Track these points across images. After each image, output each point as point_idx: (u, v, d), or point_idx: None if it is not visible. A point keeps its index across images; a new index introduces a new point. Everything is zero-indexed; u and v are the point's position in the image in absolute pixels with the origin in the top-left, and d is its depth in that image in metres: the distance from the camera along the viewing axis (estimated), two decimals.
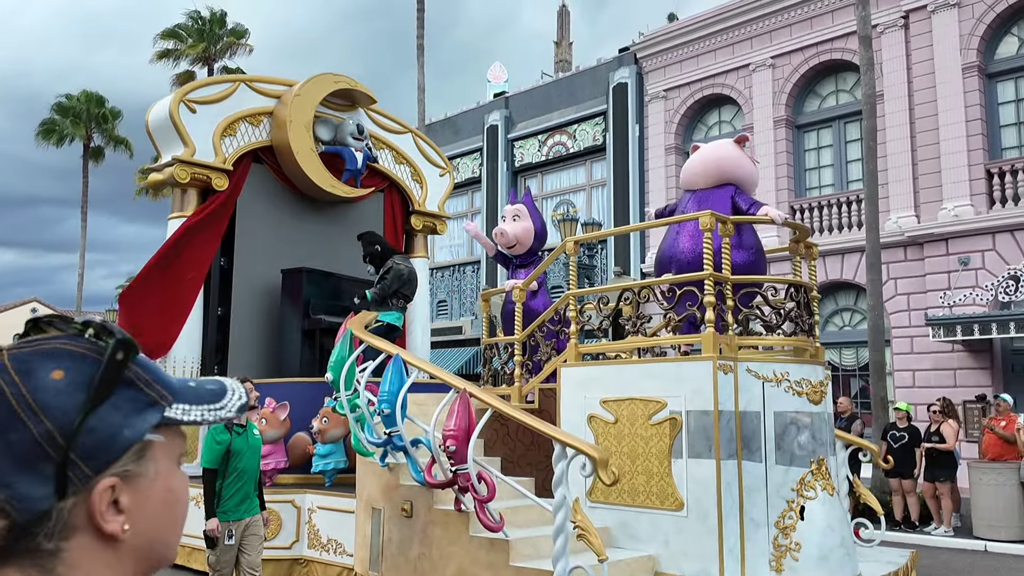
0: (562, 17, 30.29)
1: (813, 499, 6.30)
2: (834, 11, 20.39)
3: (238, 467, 6.32)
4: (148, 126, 9.59)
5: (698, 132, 23.09)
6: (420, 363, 6.84)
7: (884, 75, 19.21)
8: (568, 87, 24.65)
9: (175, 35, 32.92)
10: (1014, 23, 18.48)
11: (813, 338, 6.78)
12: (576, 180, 24.56)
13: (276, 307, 9.85)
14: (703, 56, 22.34)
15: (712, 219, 6.35)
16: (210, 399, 1.06)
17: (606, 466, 5.65)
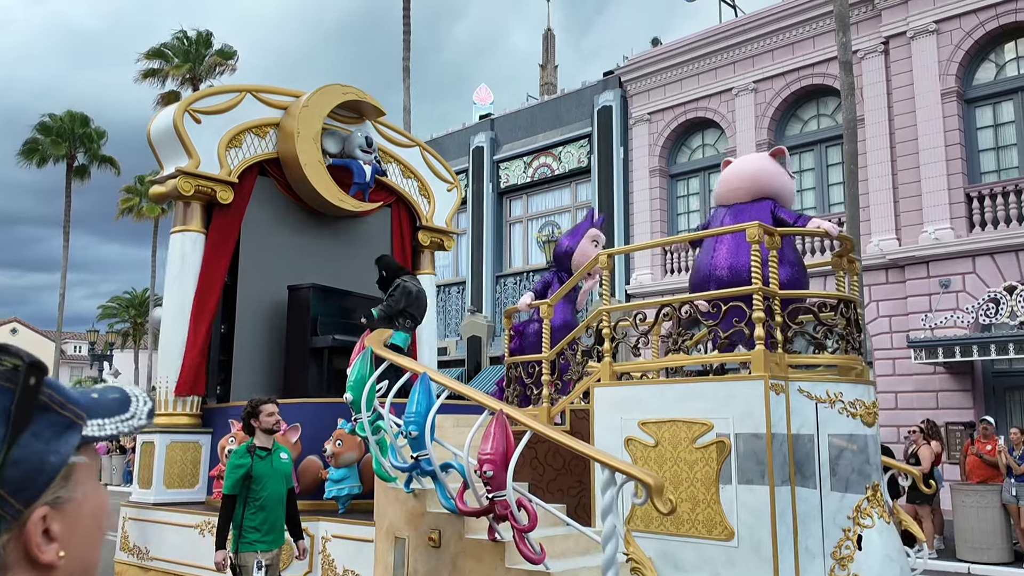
0: (547, 41, 30.00)
1: (870, 527, 5.78)
2: (815, 37, 20.23)
3: (261, 494, 5.69)
4: (150, 136, 8.95)
5: (682, 155, 22.80)
6: (449, 382, 6.26)
7: (865, 100, 19.07)
8: (553, 109, 24.26)
9: (161, 55, 32.17)
10: (991, 49, 18.38)
11: (861, 356, 6.29)
12: (561, 202, 24.12)
13: (282, 325, 9.20)
14: (687, 80, 22.06)
15: (760, 230, 5.87)
16: (118, 410, 1.03)
17: (662, 493, 5.11)
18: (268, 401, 5.98)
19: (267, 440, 5.91)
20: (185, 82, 31.41)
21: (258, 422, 5.89)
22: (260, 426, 5.89)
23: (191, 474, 8.50)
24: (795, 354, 5.97)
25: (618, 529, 5.23)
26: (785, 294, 5.96)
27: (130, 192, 39.37)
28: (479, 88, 26.47)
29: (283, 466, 5.96)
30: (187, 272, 8.79)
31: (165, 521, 8.07)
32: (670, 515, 5.18)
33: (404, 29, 23.68)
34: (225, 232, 8.88)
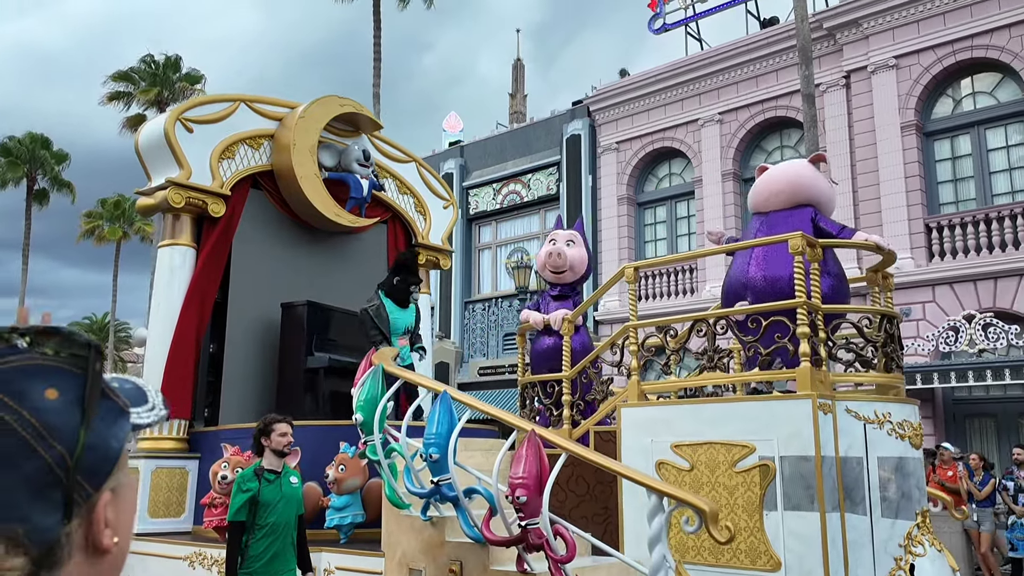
0: (517, 70, 29.71)
1: (922, 556, 5.30)
2: (779, 70, 20.16)
3: (269, 520, 5.01)
4: (138, 146, 8.26)
5: (649, 184, 22.56)
6: (473, 401, 5.68)
7: (827, 132, 19.00)
8: (523, 137, 23.89)
9: (127, 78, 31.13)
10: (948, 85, 18.43)
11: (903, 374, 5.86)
12: (530, 228, 23.69)
13: (274, 344, 8.48)
14: (654, 110, 21.86)
15: (802, 241, 5.42)
16: (143, 400, 1.01)
17: (718, 520, 4.59)
18: (282, 420, 5.33)
19: (277, 463, 5.26)
20: (151, 106, 30.41)
21: (269, 441, 5.23)
22: (271, 446, 5.24)
23: (177, 502, 7.75)
24: (839, 372, 5.53)
25: (668, 561, 4.69)
26: (829, 308, 5.51)
27: (91, 216, 38.10)
28: (449, 116, 26.02)
29: (293, 491, 5.30)
30: (175, 288, 8.07)
31: (150, 552, 7.29)
32: (727, 544, 4.68)
33: (374, 56, 23.24)
34: (216, 246, 8.19)
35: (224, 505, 7.07)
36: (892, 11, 18.45)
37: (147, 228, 36.82)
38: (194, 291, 7.98)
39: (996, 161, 17.81)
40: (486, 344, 23.38)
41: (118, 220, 37.66)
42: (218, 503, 7.08)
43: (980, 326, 16.08)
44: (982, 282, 16.93)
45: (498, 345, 23.17)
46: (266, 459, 5.21)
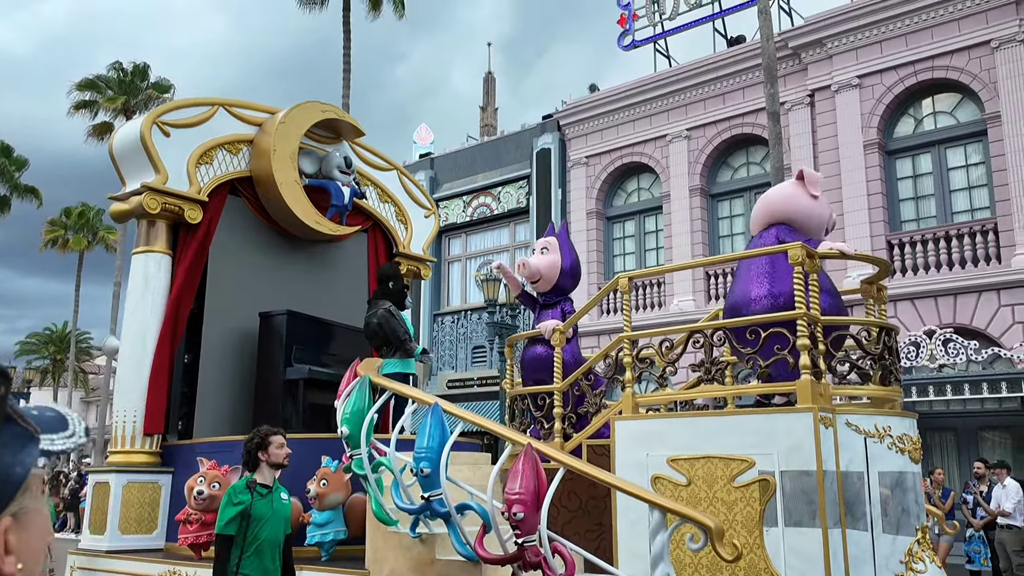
0: (488, 84, 29.55)
1: (923, 572, 5.15)
2: (745, 88, 20.21)
3: (259, 536, 4.72)
4: (112, 150, 7.89)
5: (618, 198, 22.49)
6: (465, 414, 5.43)
7: (791, 149, 19.05)
8: (493, 151, 23.71)
9: (94, 86, 30.43)
10: (910, 104, 18.59)
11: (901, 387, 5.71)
12: (500, 241, 23.48)
13: (252, 354, 8.12)
14: (623, 126, 21.80)
15: (802, 251, 5.26)
16: (61, 427, 0.97)
17: (723, 537, 4.39)
18: (278, 432, 5.05)
19: (270, 477, 4.97)
20: (119, 114, 29.73)
21: (266, 455, 4.94)
22: (269, 460, 4.95)
23: (149, 518, 7.35)
24: (840, 385, 5.37)
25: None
26: (829, 320, 5.35)
27: (55, 224, 37.18)
28: (419, 128, 25.76)
29: (283, 508, 5.01)
30: (150, 296, 7.70)
31: (121, 571, 6.90)
32: (734, 562, 4.48)
33: (344, 67, 22.94)
34: (193, 254, 7.84)
35: (200, 522, 6.74)
36: (855, 32, 18.58)
37: (111, 237, 36.04)
38: (171, 300, 7.63)
39: (956, 179, 17.97)
40: (455, 357, 23.09)
41: (82, 230, 36.84)
42: (193, 519, 6.73)
43: (940, 341, 16.15)
44: (942, 298, 17.03)
45: (467, 358, 22.89)
46: (260, 473, 4.92)
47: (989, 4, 17.22)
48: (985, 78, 17.20)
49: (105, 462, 7.73)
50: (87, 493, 23.87)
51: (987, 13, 17.26)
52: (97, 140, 29.90)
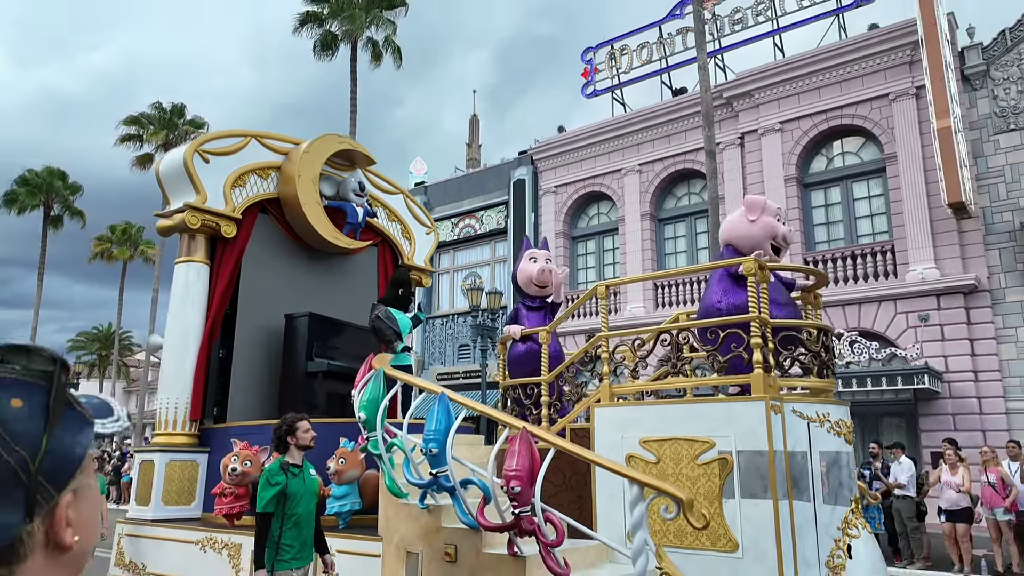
0: (473, 124, 29.39)
1: (857, 537, 5.04)
2: (686, 131, 20.24)
3: (296, 511, 4.50)
4: (159, 174, 7.64)
5: (581, 221, 22.41)
6: (468, 402, 5.26)
7: (725, 182, 19.10)
8: (477, 180, 23.56)
9: (137, 122, 29.85)
10: (823, 146, 18.72)
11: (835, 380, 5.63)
12: (482, 257, 23.32)
13: (278, 351, 7.89)
14: (586, 161, 21.76)
15: (754, 264, 5.17)
16: (107, 413, 1.01)
17: (694, 508, 4.25)
18: (304, 418, 4.84)
19: (299, 457, 4.76)
20: (160, 147, 29.22)
21: (295, 439, 4.73)
22: (297, 443, 4.74)
23: (188, 491, 7.09)
24: (787, 377, 5.27)
25: (649, 544, 4.33)
26: (776, 323, 5.25)
27: (101, 240, 36.43)
28: (415, 160, 25.55)
29: (313, 483, 4.80)
30: (190, 300, 7.46)
31: (165, 537, 6.64)
32: (703, 529, 4.36)
33: (351, 109, 22.69)
34: (228, 264, 7.61)
35: (233, 495, 6.50)
36: (778, 85, 18.69)
37: (150, 251, 35.39)
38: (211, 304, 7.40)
39: (860, 208, 18.09)
40: (444, 354, 22.84)
41: (125, 244, 36.11)
42: (228, 492, 6.49)
43: (848, 343, 16.21)
44: (849, 306, 17.11)
45: (454, 355, 22.66)
46: (290, 455, 4.71)
47: (887, 63, 17.39)
48: (884, 124, 17.35)
49: (150, 442, 7.44)
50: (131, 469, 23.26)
51: (886, 71, 17.42)
52: (140, 169, 29.39)
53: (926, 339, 16.23)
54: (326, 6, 23.77)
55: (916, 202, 16.69)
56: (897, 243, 16.95)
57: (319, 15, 23.77)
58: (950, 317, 16.11)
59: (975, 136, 16.53)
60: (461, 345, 22.54)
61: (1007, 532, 10.89)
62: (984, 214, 16.20)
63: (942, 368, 15.86)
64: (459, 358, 22.60)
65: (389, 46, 23.65)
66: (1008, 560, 10.88)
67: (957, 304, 16.12)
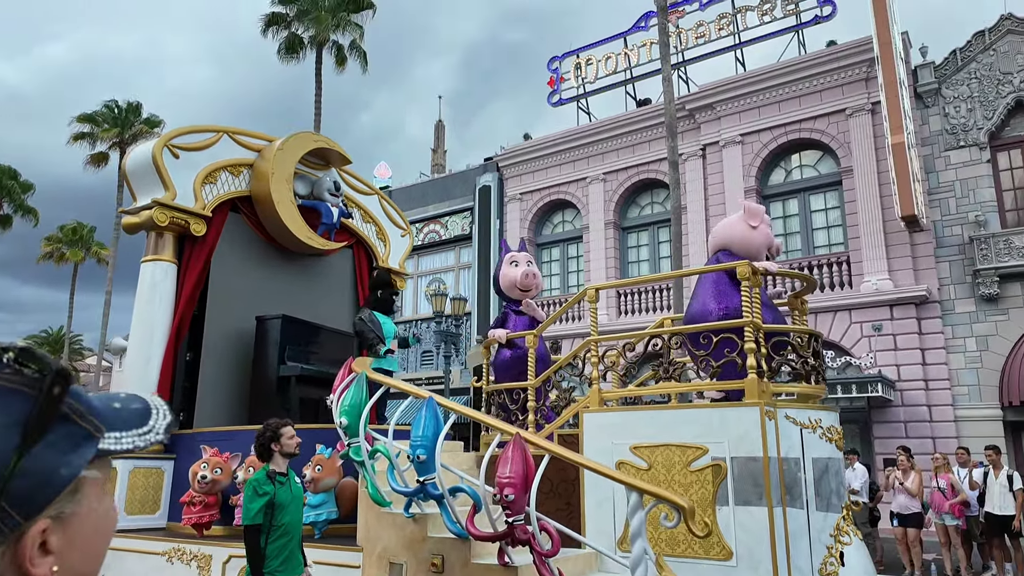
0: (438, 130, 29.08)
1: (849, 544, 4.95)
2: (650, 141, 20.31)
3: (283, 521, 4.20)
4: (125, 169, 7.24)
5: (546, 228, 22.30)
6: (457, 407, 5.03)
7: (687, 192, 19.19)
8: (442, 186, 23.30)
9: (91, 120, 28.78)
10: (781, 159, 18.93)
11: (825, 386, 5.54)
12: (447, 262, 23.04)
13: (248, 354, 7.52)
14: (551, 169, 21.68)
15: (747, 268, 5.07)
16: (138, 422, 0.79)
17: (695, 516, 4.10)
18: (287, 424, 4.55)
19: (284, 465, 4.47)
20: (114, 146, 28.21)
21: (279, 446, 4.43)
22: (281, 450, 4.44)
23: (152, 500, 6.68)
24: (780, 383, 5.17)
25: (649, 553, 4.16)
26: (770, 328, 5.15)
27: (51, 240, 35.05)
28: (379, 165, 25.14)
29: (300, 491, 4.50)
30: (157, 300, 7.06)
31: (127, 548, 6.23)
32: (705, 538, 4.20)
33: (315, 112, 22.24)
34: (196, 263, 7.24)
35: (203, 503, 6.15)
36: (739, 98, 18.87)
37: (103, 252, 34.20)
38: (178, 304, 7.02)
39: (817, 220, 18.33)
40: (406, 360, 22.47)
41: (76, 244, 34.81)
42: (197, 501, 6.14)
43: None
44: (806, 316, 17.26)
45: (416, 361, 22.31)
46: (275, 463, 4.41)
47: (844, 79, 17.68)
48: (841, 139, 17.63)
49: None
50: None
51: (843, 87, 17.71)
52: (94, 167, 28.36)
53: (879, 348, 16.48)
54: (293, 7, 23.30)
55: (871, 215, 16.97)
56: (852, 255, 17.20)
57: (285, 17, 23.28)
58: (902, 327, 16.39)
59: (927, 152, 16.90)
60: (424, 351, 22.20)
61: (955, 537, 11.06)
62: (935, 227, 16.55)
63: (895, 376, 16.11)
64: (422, 364, 22.26)
65: (355, 50, 23.27)
66: (956, 564, 11.03)
67: (909, 314, 16.40)
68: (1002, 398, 15.34)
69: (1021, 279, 15.54)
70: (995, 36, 16.47)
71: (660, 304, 19.23)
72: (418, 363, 22.31)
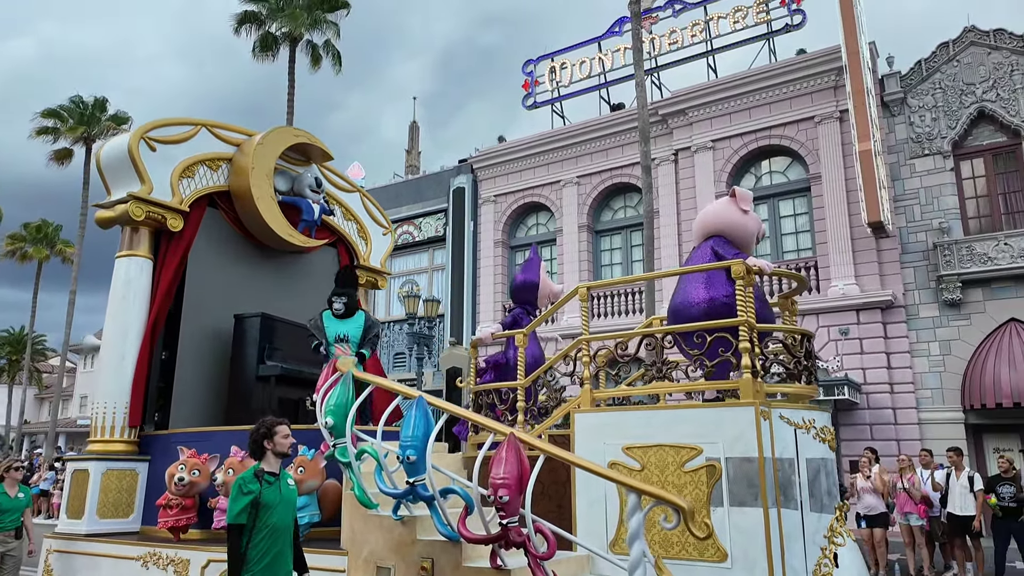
0: (413, 131, 28.79)
1: (842, 545, 4.89)
2: (623, 145, 20.32)
3: (269, 522, 3.98)
4: (99, 161, 6.93)
5: (520, 231, 22.17)
6: (448, 406, 4.87)
7: (660, 196, 19.23)
8: (416, 187, 23.05)
9: (56, 115, 27.92)
10: (752, 164, 19.06)
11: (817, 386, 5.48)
12: (420, 264, 22.79)
13: (226, 353, 7.26)
14: (525, 171, 21.57)
15: (743, 266, 4.99)
16: None
17: (695, 518, 4.00)
18: (282, 422, 4.34)
19: (276, 465, 4.26)
20: (79, 141, 27.39)
21: (272, 444, 4.22)
22: (274, 449, 4.23)
23: (126, 503, 6.39)
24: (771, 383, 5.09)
25: (648, 556, 4.05)
26: (764, 327, 5.08)
27: (15, 238, 33.93)
28: (353, 165, 24.79)
29: (291, 493, 4.29)
30: (131, 297, 6.77)
31: (100, 553, 5.95)
32: (706, 539, 4.11)
33: (288, 111, 21.88)
34: (173, 259, 6.96)
35: (180, 506, 5.90)
36: (711, 105, 18.95)
37: (68, 250, 33.24)
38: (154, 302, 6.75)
39: (786, 225, 18.46)
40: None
41: (41, 242, 33.76)
42: (173, 504, 5.88)
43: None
44: None
45: (389, 363, 22.01)
46: (266, 462, 4.20)
47: (813, 87, 17.86)
48: (810, 146, 17.79)
49: (85, 450, 6.71)
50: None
51: (812, 95, 17.88)
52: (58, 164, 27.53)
53: (846, 352, 16.63)
54: (265, 6, 22.89)
55: (838, 221, 17.14)
56: (820, 259, 17.36)
57: (258, 15, 22.85)
58: (868, 331, 16.57)
59: (893, 160, 17.13)
60: (396, 353, 21.94)
61: (919, 537, 11.17)
62: (900, 234, 16.78)
63: (861, 380, 16.27)
64: (394, 366, 21.98)
65: (329, 49, 22.93)
66: (920, 563, 11.14)
67: (875, 319, 16.59)
68: (964, 401, 15.58)
69: (983, 285, 15.81)
70: (958, 48, 16.77)
71: (630, 307, 19.22)
72: (390, 365, 22.03)
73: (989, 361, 15.42)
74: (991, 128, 16.51)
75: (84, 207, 26.75)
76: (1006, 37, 16.32)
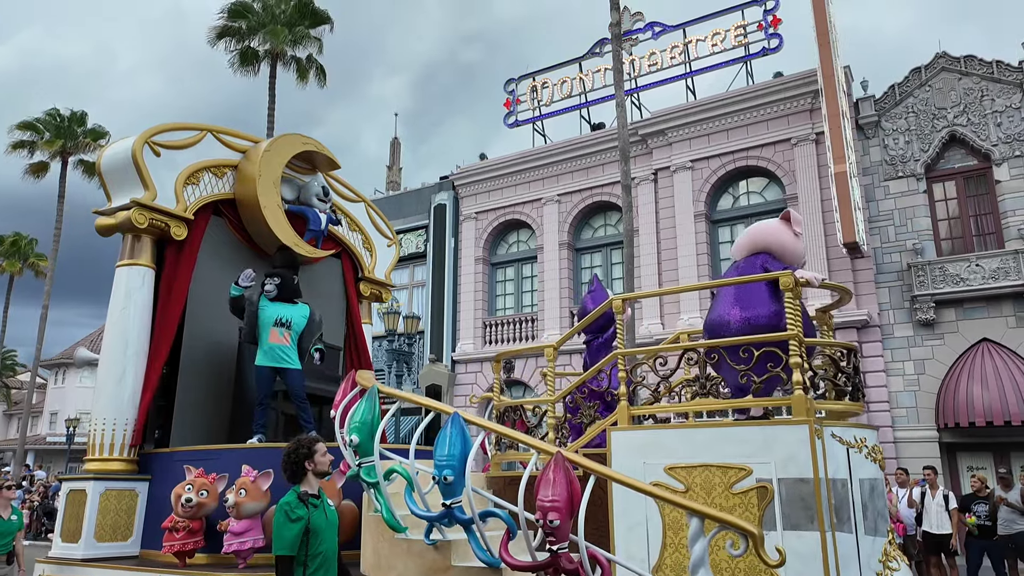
0: (394, 147, 28.35)
1: (897, 571, 4.62)
2: (604, 164, 20.19)
3: (320, 549, 3.55)
4: (100, 167, 6.46)
5: (501, 248, 21.85)
6: (484, 423, 4.50)
7: (639, 215, 19.10)
8: (397, 203, 22.59)
9: (32, 127, 26.89)
10: (730, 185, 19.04)
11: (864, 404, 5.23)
12: (401, 280, 22.27)
13: (230, 367, 6.77)
14: (506, 189, 21.31)
15: (792, 278, 4.74)
16: None
17: (764, 544, 3.69)
18: (319, 440, 3.93)
19: (316, 486, 3.85)
20: (56, 155, 26.37)
21: (312, 464, 3.80)
22: (315, 468, 3.81)
23: (125, 525, 5.84)
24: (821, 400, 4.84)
25: None
26: (812, 342, 4.82)
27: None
28: None
29: (334, 515, 3.86)
30: (132, 308, 6.27)
31: None
32: (779, 567, 3.80)
33: (268, 126, 21.36)
34: (178, 269, 6.49)
35: (186, 529, 5.41)
36: (690, 125, 18.93)
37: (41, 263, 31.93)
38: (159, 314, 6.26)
39: None
40: None
41: (14, 256, 32.38)
42: (180, 527, 5.38)
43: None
44: None
45: None
46: (307, 483, 3.79)
47: (790, 110, 17.94)
48: (786, 167, 17.83)
49: (81, 469, 6.17)
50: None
51: (788, 117, 17.95)
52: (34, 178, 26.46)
53: None
54: (244, 22, 22.38)
55: (814, 241, 17.14)
56: None
57: (237, 30, 22.33)
58: None
59: (867, 181, 17.24)
60: (376, 370, 21.39)
61: None
62: (875, 254, 16.84)
63: None
64: None
65: (312, 64, 22.48)
66: None
67: (851, 338, 16.54)
68: (938, 420, 15.58)
69: (956, 305, 15.90)
70: (930, 73, 17.00)
71: None
72: None
73: (962, 380, 15.47)
74: (962, 152, 16.72)
75: (59, 221, 25.76)
76: (976, 63, 16.59)
